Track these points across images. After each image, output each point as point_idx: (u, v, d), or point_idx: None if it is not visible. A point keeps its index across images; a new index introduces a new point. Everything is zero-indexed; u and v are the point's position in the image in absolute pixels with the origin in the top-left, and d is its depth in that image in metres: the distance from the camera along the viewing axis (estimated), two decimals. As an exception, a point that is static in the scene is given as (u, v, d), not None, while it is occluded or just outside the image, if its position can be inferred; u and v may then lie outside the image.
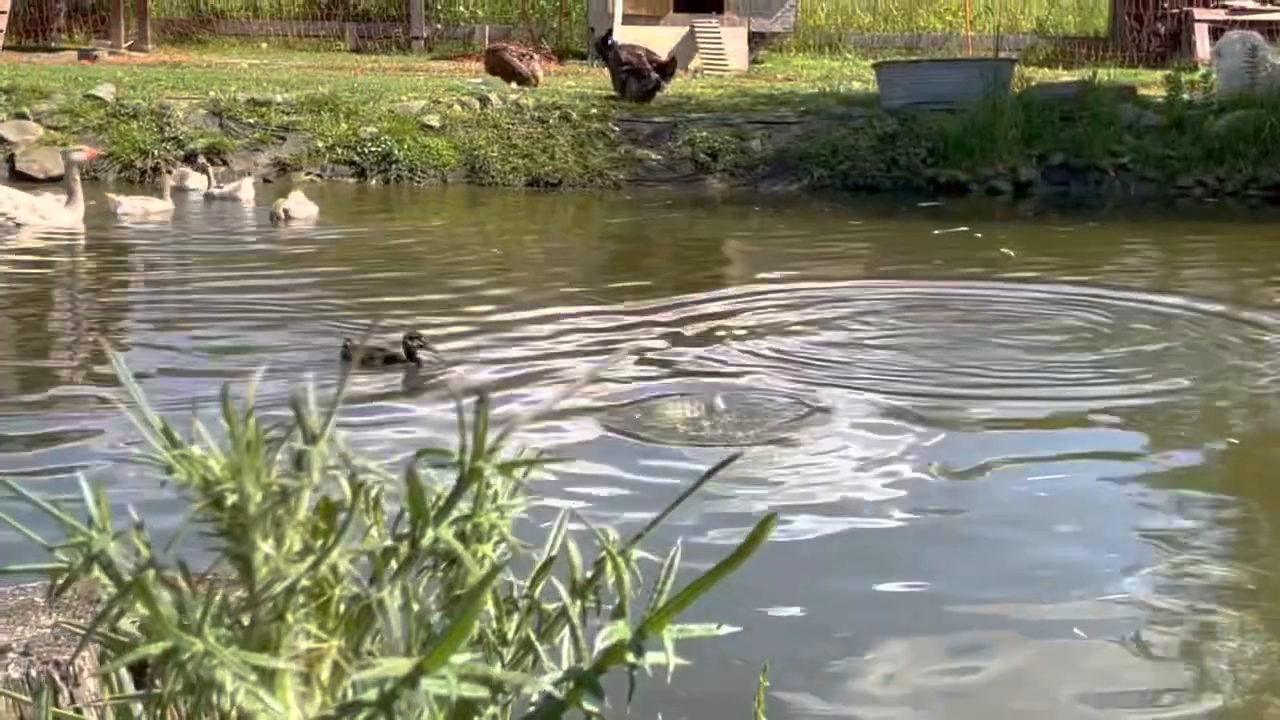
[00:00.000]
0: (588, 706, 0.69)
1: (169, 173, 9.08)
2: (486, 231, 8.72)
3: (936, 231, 8.15)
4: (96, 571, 0.68)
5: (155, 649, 0.66)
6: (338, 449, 0.68)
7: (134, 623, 0.67)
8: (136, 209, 8.42)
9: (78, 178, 8.02)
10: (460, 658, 0.65)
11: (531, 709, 0.71)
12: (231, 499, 0.67)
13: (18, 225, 7.88)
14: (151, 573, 0.66)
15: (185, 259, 7.28)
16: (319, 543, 0.68)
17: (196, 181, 8.96)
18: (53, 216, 8.00)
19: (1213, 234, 8.61)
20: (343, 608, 0.70)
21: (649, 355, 5.09)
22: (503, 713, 0.74)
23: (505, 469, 0.71)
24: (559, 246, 8.40)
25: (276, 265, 6.96)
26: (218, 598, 0.67)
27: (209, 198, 8.90)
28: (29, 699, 0.98)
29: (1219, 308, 6.12)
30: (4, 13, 12.09)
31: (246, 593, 0.68)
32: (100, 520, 0.68)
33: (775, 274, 6.95)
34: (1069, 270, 7.04)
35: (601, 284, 6.97)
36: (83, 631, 0.97)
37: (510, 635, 0.78)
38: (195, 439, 0.66)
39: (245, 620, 0.69)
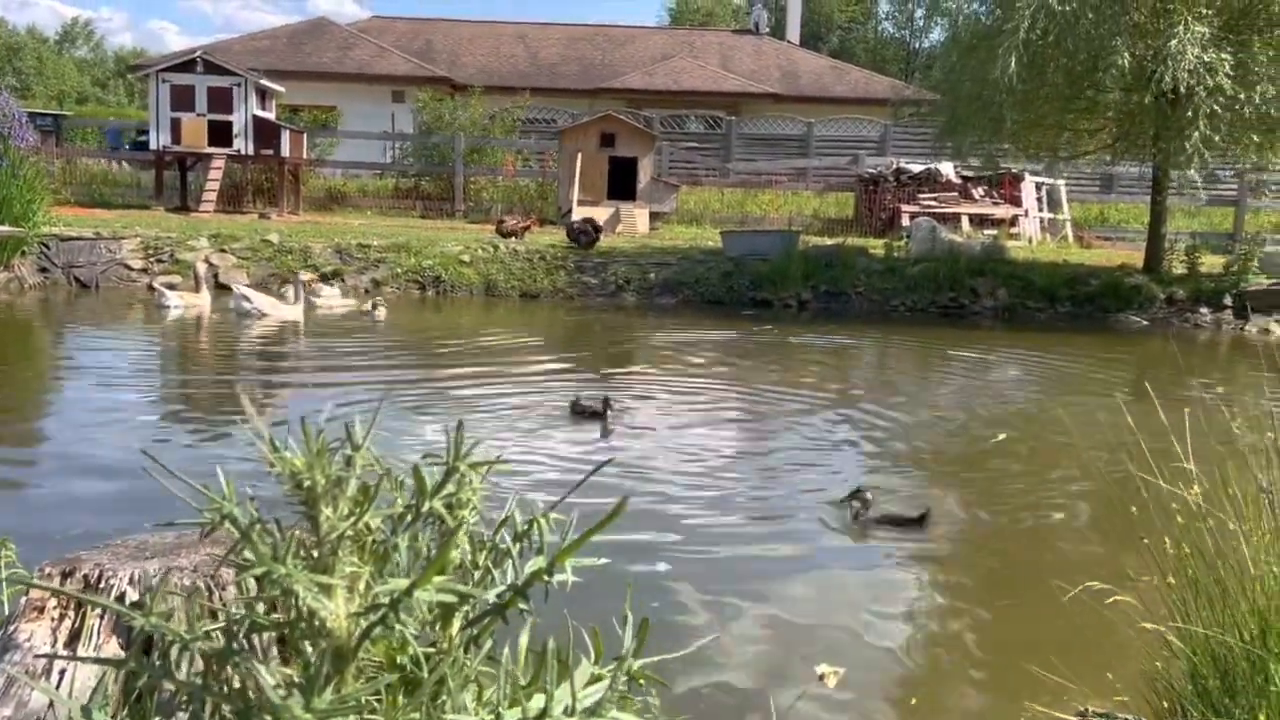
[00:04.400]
0: (520, 606, 1.02)
1: (302, 284, 11.21)
2: (496, 322, 11.24)
3: (754, 327, 11.10)
4: (228, 524, 0.97)
5: (258, 571, 0.94)
6: (373, 454, 0.99)
7: (250, 555, 0.93)
8: (185, 301, 10.45)
9: (302, 291, 10.56)
10: (440, 579, 0.94)
11: (489, 608, 1.02)
12: (307, 483, 0.93)
13: (262, 314, 10.24)
14: (258, 526, 0.94)
15: (328, 334, 9.61)
16: (358, 509, 0.96)
17: (329, 291, 11.64)
18: (282, 311, 10.33)
19: (908, 327, 11.85)
20: (374, 548, 1.00)
21: (586, 378, 7.70)
22: (473, 610, 1.03)
23: (472, 467, 1.03)
24: (538, 328, 10.95)
25: (376, 339, 9.44)
26: (295, 540, 0.95)
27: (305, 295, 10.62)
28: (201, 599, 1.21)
29: (911, 345, 10.33)
30: (215, 190, 16.48)
31: (315, 538, 0.96)
32: (229, 494, 0.97)
33: (658, 341, 10.10)
34: (825, 335, 10.73)
35: (561, 345, 10.02)
36: (220, 557, 1.28)
37: (480, 564, 1.07)
38: (288, 447, 0.95)
39: (315, 554, 0.96)
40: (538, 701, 1.14)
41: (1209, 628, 2.28)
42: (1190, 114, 11.08)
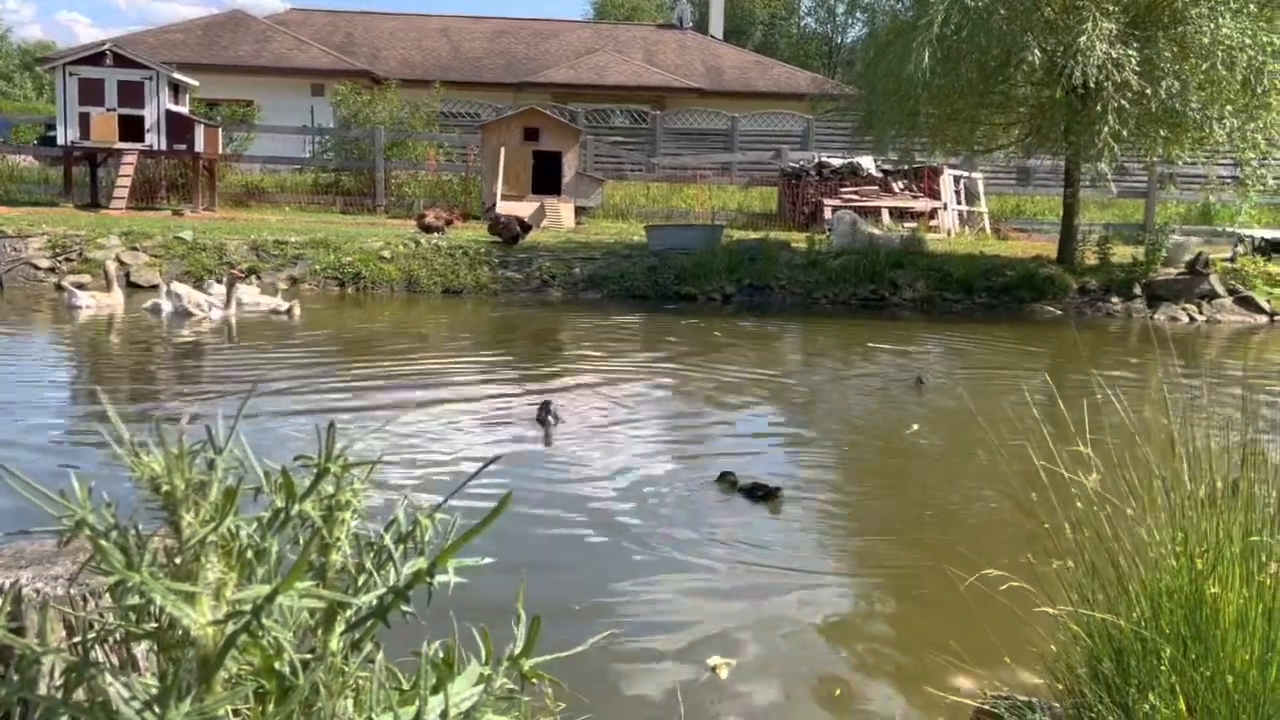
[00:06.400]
0: (402, 608, 1.03)
1: (221, 281, 11.13)
2: (417, 318, 11.34)
3: (681, 321, 11.25)
4: (86, 530, 0.94)
5: (110, 581, 0.93)
6: (238, 456, 0.98)
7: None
8: (91, 301, 10.24)
9: (235, 292, 10.37)
10: (304, 584, 0.93)
11: (369, 612, 1.03)
12: (165, 487, 0.92)
13: (188, 314, 10.15)
14: (114, 533, 0.91)
15: (260, 330, 9.67)
16: (221, 513, 0.95)
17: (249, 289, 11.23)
18: (211, 312, 10.28)
19: (830, 319, 12.16)
20: (241, 553, 0.99)
21: (511, 371, 8.10)
22: (355, 614, 1.03)
23: (343, 468, 1.02)
24: (462, 324, 11.08)
25: (292, 334, 9.58)
26: (152, 547, 0.94)
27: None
28: (69, 609, 1.19)
29: (832, 337, 10.73)
30: (127, 186, 16.08)
31: (178, 544, 0.95)
32: (83, 500, 0.95)
33: (583, 334, 10.38)
34: (747, 321, 11.16)
35: (485, 341, 10.15)
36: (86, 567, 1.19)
37: (366, 566, 1.07)
38: (148, 450, 0.93)
39: (178, 560, 0.95)
40: (413, 707, 1.12)
41: (1105, 611, 2.32)
42: (1100, 109, 11.35)
